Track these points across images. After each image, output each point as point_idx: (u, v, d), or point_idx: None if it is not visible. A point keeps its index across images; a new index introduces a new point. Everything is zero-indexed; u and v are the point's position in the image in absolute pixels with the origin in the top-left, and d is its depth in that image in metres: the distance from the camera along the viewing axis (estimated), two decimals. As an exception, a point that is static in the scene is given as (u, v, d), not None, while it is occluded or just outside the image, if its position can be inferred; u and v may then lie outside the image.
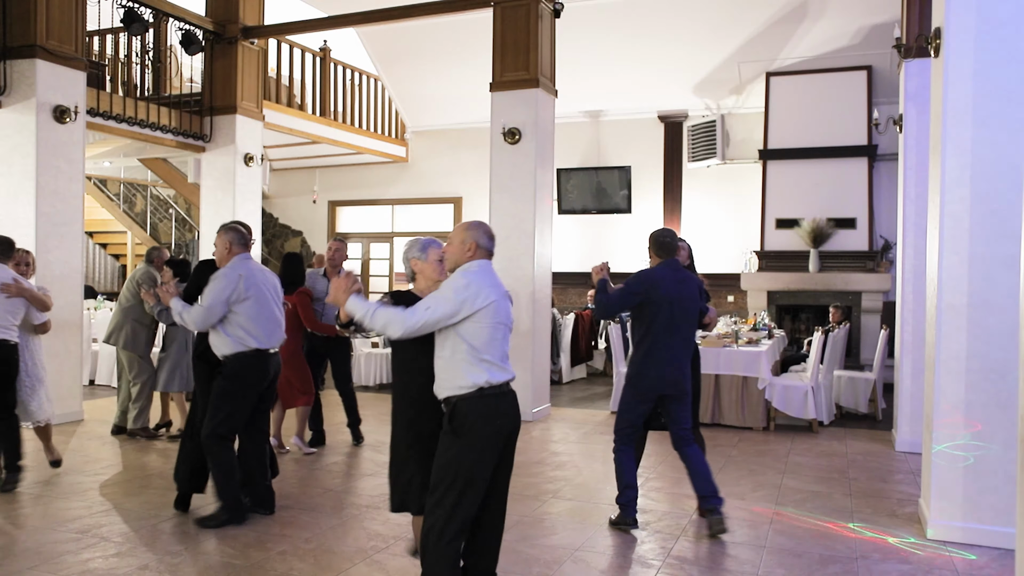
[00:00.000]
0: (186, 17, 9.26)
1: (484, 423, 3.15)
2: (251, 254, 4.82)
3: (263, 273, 4.78)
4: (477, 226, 3.36)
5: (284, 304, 5.02)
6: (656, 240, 4.73)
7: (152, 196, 15.45)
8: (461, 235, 3.33)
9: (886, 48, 10.03)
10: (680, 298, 4.59)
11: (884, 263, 10.63)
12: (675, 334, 4.58)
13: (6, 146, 7.36)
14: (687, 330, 4.67)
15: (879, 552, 4.32)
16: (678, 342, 4.60)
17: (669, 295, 4.54)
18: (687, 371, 4.66)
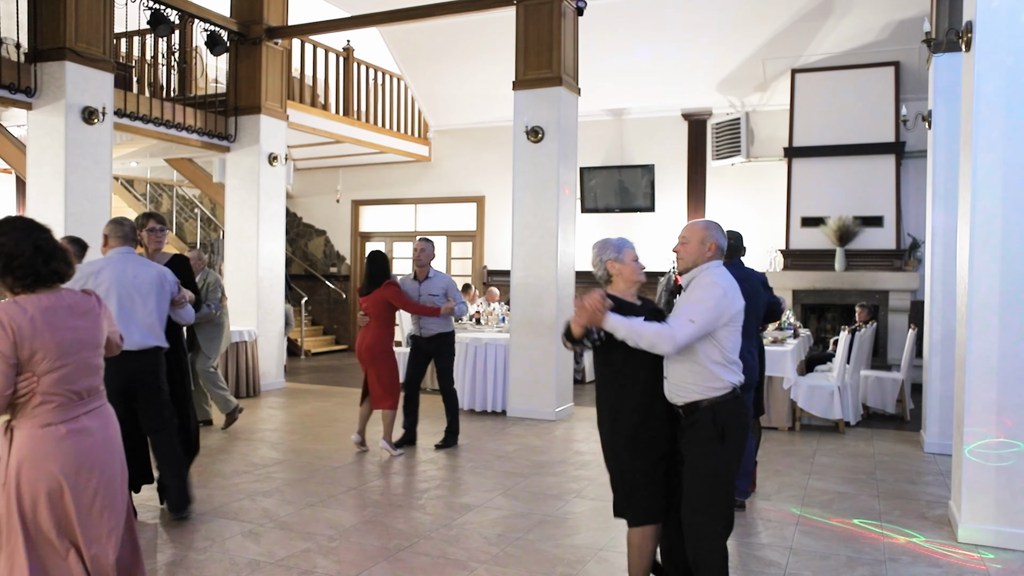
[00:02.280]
0: (211, 18, 9.33)
1: (742, 423, 3.18)
2: (133, 249, 4.58)
3: (136, 268, 4.45)
4: (716, 226, 3.32)
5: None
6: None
7: (178, 196, 15.61)
8: (701, 234, 3.27)
9: (914, 43, 9.88)
10: (745, 297, 4.63)
11: (912, 262, 10.48)
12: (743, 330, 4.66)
13: (36, 147, 7.47)
14: (753, 327, 4.81)
15: (908, 555, 4.25)
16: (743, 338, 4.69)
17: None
18: (752, 364, 4.78)
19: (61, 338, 2.50)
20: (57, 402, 2.50)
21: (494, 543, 4.35)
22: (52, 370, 2.47)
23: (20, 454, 2.46)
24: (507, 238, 10.73)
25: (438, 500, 5.17)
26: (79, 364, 2.55)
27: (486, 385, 8.34)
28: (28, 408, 2.48)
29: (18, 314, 2.45)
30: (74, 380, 2.54)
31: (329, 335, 14.71)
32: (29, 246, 2.50)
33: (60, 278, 2.59)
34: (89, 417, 2.58)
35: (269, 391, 9.51)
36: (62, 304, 2.56)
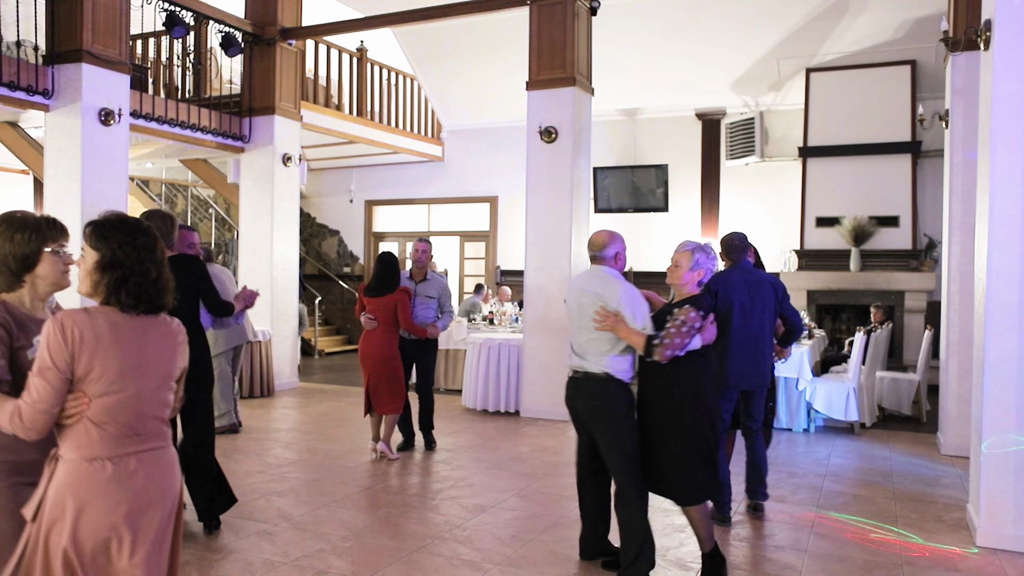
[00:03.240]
0: (226, 19, 9.38)
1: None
2: None
3: None
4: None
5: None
6: (725, 243, 5.02)
7: (192, 196, 15.70)
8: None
9: (931, 42, 9.80)
10: (751, 298, 4.80)
11: (928, 262, 10.40)
12: (748, 332, 4.78)
13: (53, 149, 7.53)
14: (763, 328, 4.81)
15: (925, 559, 4.22)
16: (750, 340, 4.78)
17: (740, 296, 4.77)
18: (763, 367, 4.84)
19: (125, 360, 2.15)
20: (107, 432, 2.14)
21: (508, 544, 4.35)
22: (106, 394, 2.12)
23: (59, 491, 2.12)
24: (520, 238, 10.73)
25: (451, 501, 5.17)
26: (140, 393, 2.18)
27: (499, 385, 8.33)
28: (74, 434, 2.13)
29: (84, 323, 2.11)
30: (131, 411, 2.17)
31: (342, 335, 14.76)
32: (154, 269, 2.21)
33: (159, 310, 2.26)
34: (142, 459, 2.19)
35: (283, 391, 9.55)
36: (137, 324, 2.20)
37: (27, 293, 2.37)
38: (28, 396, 2.08)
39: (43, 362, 2.08)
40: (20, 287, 2.36)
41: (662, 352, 3.59)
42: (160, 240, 2.29)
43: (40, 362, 2.09)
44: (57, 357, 2.07)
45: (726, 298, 4.76)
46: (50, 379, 2.07)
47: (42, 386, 2.07)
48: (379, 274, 6.17)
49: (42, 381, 2.07)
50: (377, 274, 6.18)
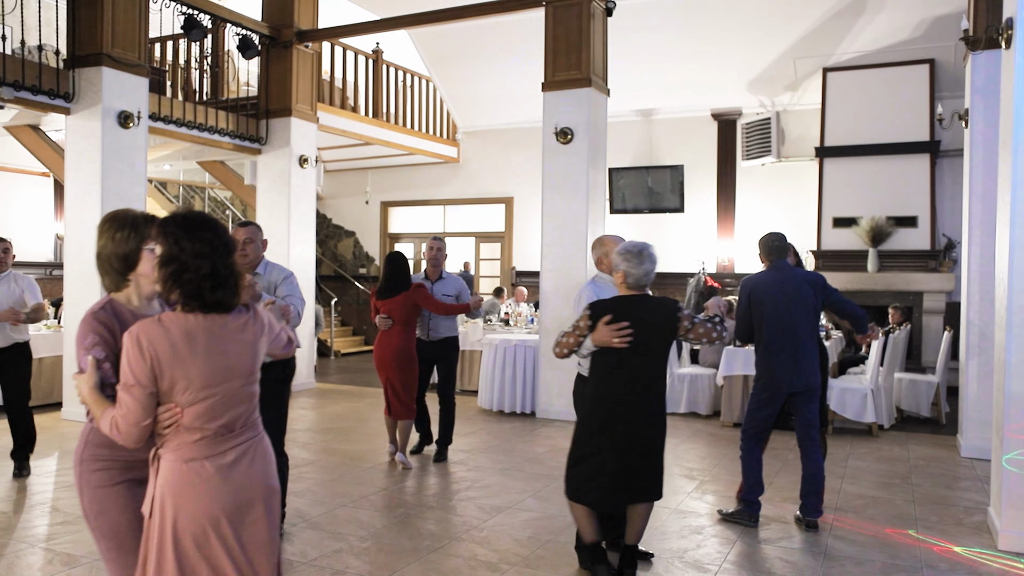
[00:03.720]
0: (243, 22, 9.45)
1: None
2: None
3: None
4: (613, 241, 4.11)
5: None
6: (762, 244, 4.90)
7: (210, 198, 15.82)
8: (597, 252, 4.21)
9: (950, 40, 9.72)
10: (785, 298, 4.67)
11: (947, 262, 10.31)
12: (786, 333, 4.65)
13: (74, 151, 7.61)
14: (800, 328, 4.66)
15: (945, 562, 4.18)
16: (789, 340, 4.65)
17: (772, 296, 4.67)
18: (808, 368, 4.67)
19: (207, 367, 2.14)
20: (201, 436, 2.16)
21: (524, 545, 4.35)
22: (195, 402, 2.13)
23: (164, 489, 2.16)
24: (536, 239, 10.73)
25: (468, 502, 5.18)
26: (227, 395, 2.18)
27: (515, 386, 8.34)
28: (171, 439, 2.16)
29: (158, 337, 2.09)
30: (221, 412, 2.18)
31: (359, 336, 14.82)
32: (207, 265, 2.14)
33: (224, 308, 2.21)
34: (238, 452, 2.22)
35: (300, 391, 9.59)
36: (212, 326, 2.17)
37: (133, 292, 2.38)
38: (119, 410, 2.10)
39: (126, 378, 2.09)
40: (126, 286, 2.37)
41: (555, 349, 3.78)
42: (226, 237, 2.22)
43: (124, 378, 2.10)
44: (139, 374, 2.08)
45: (759, 300, 4.68)
46: (136, 395, 2.08)
47: (130, 402, 2.09)
48: (389, 274, 6.02)
49: (129, 397, 2.09)
50: (387, 275, 6.02)
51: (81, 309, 7.47)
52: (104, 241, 2.35)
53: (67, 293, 7.73)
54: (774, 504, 5.19)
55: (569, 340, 3.72)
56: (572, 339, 3.72)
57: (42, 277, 12.80)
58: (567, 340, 3.73)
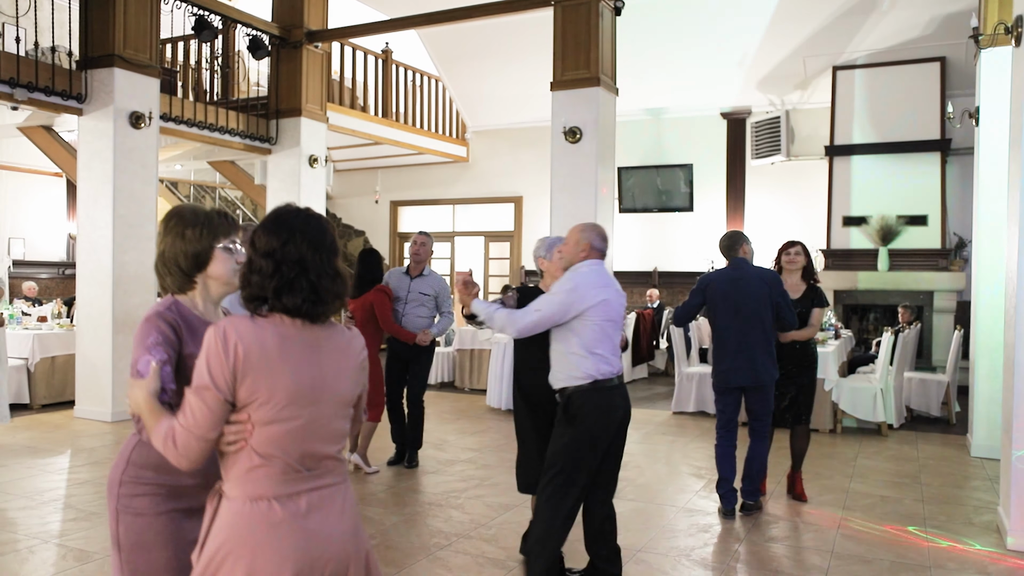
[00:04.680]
0: (253, 23, 9.50)
1: (598, 413, 3.38)
2: None
3: None
4: (591, 228, 3.59)
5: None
6: (720, 243, 5.04)
7: (220, 198, 15.90)
8: (576, 235, 3.56)
9: (961, 38, 9.67)
10: (739, 294, 4.78)
11: (958, 261, 10.27)
12: (738, 329, 4.76)
13: (87, 152, 7.68)
14: (753, 325, 4.75)
15: (954, 561, 4.18)
16: (742, 337, 4.75)
17: (727, 293, 4.79)
18: (760, 364, 4.75)
19: (296, 381, 1.77)
20: (274, 467, 1.76)
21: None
22: (274, 421, 1.75)
23: (221, 535, 1.77)
24: (544, 238, 10.73)
25: (476, 500, 5.21)
26: (312, 421, 1.79)
27: (523, 385, 8.33)
28: (236, 464, 1.77)
29: (249, 335, 1.75)
30: (303, 442, 1.78)
31: (368, 335, 14.84)
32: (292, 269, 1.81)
33: (323, 318, 1.86)
34: (317, 498, 1.80)
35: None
36: (310, 337, 1.82)
37: (199, 295, 2.12)
38: (183, 417, 1.75)
39: (201, 379, 1.74)
40: (192, 288, 2.11)
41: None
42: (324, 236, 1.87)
43: (198, 379, 1.75)
44: (217, 375, 1.73)
45: (713, 296, 4.84)
46: (208, 400, 1.73)
47: (199, 407, 1.73)
48: (357, 273, 5.79)
49: (199, 401, 1.73)
50: (356, 273, 5.79)
51: (93, 308, 7.60)
52: (171, 239, 2.11)
53: (79, 292, 7.80)
54: (782, 503, 5.19)
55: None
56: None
57: (55, 276, 12.91)
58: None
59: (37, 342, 8.00)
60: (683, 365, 8.45)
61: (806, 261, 5.34)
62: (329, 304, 1.85)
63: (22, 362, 7.89)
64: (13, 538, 4.32)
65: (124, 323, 7.57)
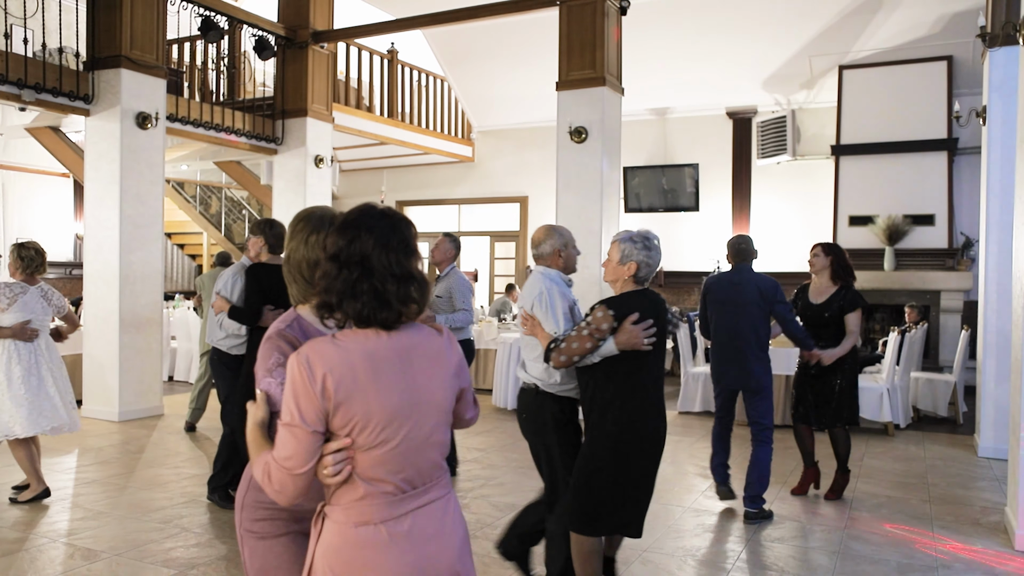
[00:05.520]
0: (259, 24, 9.52)
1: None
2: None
3: None
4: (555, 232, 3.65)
5: None
6: (729, 246, 5.06)
7: (226, 198, 15.94)
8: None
9: (968, 37, 9.64)
10: (736, 300, 4.85)
11: (965, 261, 10.23)
12: (732, 333, 4.83)
13: (94, 152, 7.70)
14: (747, 330, 4.81)
15: (961, 562, 4.17)
16: (735, 340, 4.82)
17: (725, 297, 4.88)
18: (754, 368, 4.81)
19: (391, 399, 1.66)
20: (380, 491, 1.67)
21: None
22: (374, 445, 1.65)
23: (326, 559, 1.70)
24: (550, 238, 10.72)
25: (482, 499, 5.21)
26: (412, 439, 1.69)
27: (529, 385, 8.33)
28: (343, 494, 1.69)
29: (336, 362, 1.62)
30: (407, 462, 1.69)
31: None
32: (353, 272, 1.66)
33: (404, 316, 1.71)
34: (423, 515, 1.72)
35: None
36: (398, 346, 1.69)
37: None
38: (277, 451, 1.64)
39: (290, 415, 1.62)
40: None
41: (556, 358, 3.16)
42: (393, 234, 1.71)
43: (286, 414, 1.63)
44: (307, 410, 1.61)
45: (713, 300, 4.93)
46: (299, 436, 1.62)
47: (291, 443, 1.62)
48: None
49: (291, 437, 1.63)
50: None
51: (100, 308, 7.62)
52: (295, 244, 2.01)
53: (86, 292, 7.83)
54: (788, 503, 5.18)
55: (583, 346, 3.12)
56: (588, 344, 3.11)
57: (62, 277, 12.96)
58: (578, 347, 3.12)
59: (45, 342, 8.02)
60: (688, 365, 8.45)
61: (830, 262, 5.28)
62: (396, 308, 1.67)
63: (30, 362, 7.92)
64: (22, 537, 4.34)
65: (131, 323, 7.60)
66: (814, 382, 5.18)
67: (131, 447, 6.54)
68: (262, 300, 4.40)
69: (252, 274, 4.48)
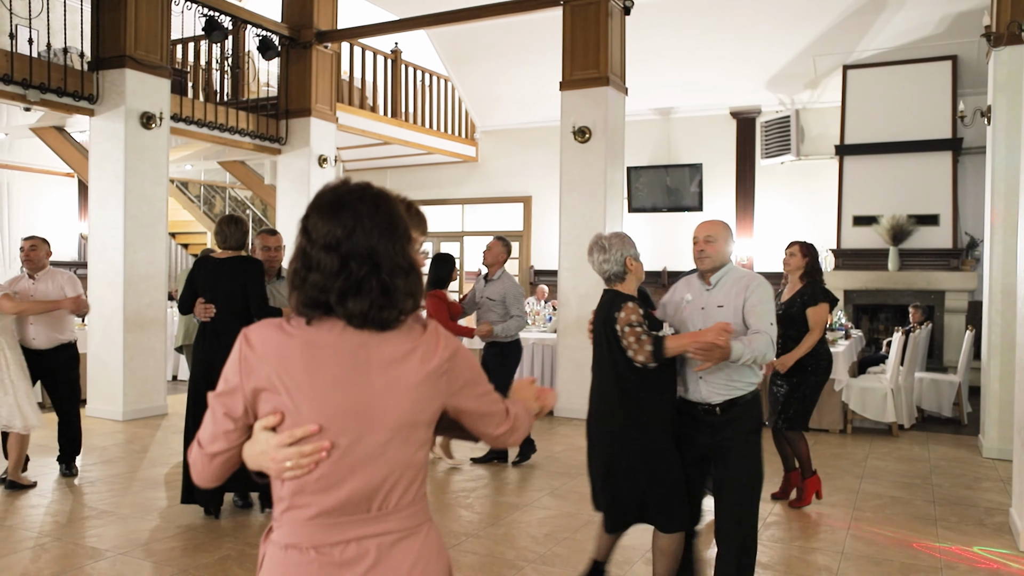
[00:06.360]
0: (263, 24, 9.53)
1: (760, 422, 3.29)
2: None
3: None
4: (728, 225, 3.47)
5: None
6: None
7: (230, 198, 15.95)
8: (727, 233, 3.35)
9: (973, 36, 9.62)
10: None
11: (969, 261, 10.21)
12: None
13: (98, 152, 7.72)
14: None
15: (966, 563, 4.16)
16: None
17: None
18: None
19: (328, 401, 1.42)
20: (307, 510, 1.43)
21: (541, 542, 4.37)
22: None
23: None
24: (554, 238, 10.74)
25: (486, 499, 5.21)
26: (358, 453, 1.43)
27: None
28: (277, 504, 1.48)
29: (272, 341, 1.45)
30: (343, 478, 1.42)
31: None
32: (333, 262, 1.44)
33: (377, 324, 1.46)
34: (368, 548, 1.43)
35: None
36: (350, 343, 1.45)
37: None
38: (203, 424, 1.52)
39: (218, 386, 1.49)
40: None
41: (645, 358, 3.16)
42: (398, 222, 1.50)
43: (218, 385, 1.49)
44: (230, 385, 1.46)
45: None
46: (215, 409, 1.48)
47: (208, 416, 1.49)
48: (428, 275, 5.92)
49: (210, 409, 1.49)
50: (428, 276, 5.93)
51: (105, 308, 7.64)
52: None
53: (91, 292, 7.84)
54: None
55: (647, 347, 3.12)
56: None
57: (66, 276, 12.97)
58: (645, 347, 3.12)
59: (49, 341, 8.04)
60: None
61: (802, 261, 5.17)
62: (400, 307, 1.47)
63: (34, 361, 7.94)
64: (26, 536, 4.36)
65: (135, 323, 7.62)
66: (776, 379, 5.07)
67: (135, 446, 6.55)
68: (193, 293, 4.76)
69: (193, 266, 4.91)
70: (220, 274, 4.70)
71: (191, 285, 4.77)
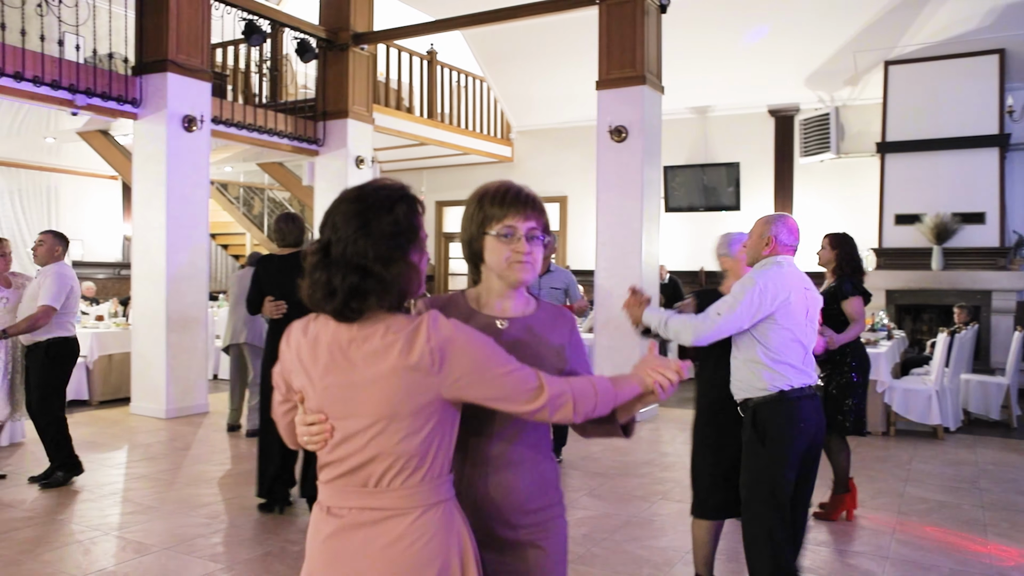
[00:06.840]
0: (300, 27, 9.64)
1: (787, 426, 3.06)
2: None
3: None
4: (779, 219, 3.29)
5: None
6: None
7: (269, 199, 16.16)
8: (760, 228, 3.28)
9: (1022, 29, 9.37)
10: None
11: (1017, 260, 9.95)
12: None
13: (141, 155, 7.87)
14: None
15: (1018, 571, 4.05)
16: None
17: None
18: None
19: (324, 387, 1.58)
20: (325, 477, 1.62)
21: (580, 543, 4.35)
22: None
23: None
24: (590, 238, 10.70)
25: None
26: (351, 434, 1.56)
27: (569, 385, 8.31)
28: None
29: (296, 333, 1.66)
30: (338, 458, 1.58)
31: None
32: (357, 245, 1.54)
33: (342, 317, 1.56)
34: (364, 515, 1.56)
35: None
36: (339, 338, 1.58)
37: (484, 288, 1.82)
38: None
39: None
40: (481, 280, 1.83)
41: None
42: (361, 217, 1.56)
43: None
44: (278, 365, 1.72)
45: None
46: (279, 385, 1.74)
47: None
48: None
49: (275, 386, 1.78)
50: None
51: (148, 307, 7.78)
52: (463, 222, 1.84)
53: (134, 292, 8.00)
54: (835, 507, 5.08)
55: None
56: None
57: (111, 277, 13.27)
58: None
59: (95, 340, 8.23)
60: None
61: (831, 254, 5.03)
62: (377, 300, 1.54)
63: (81, 360, 8.10)
64: (76, 530, 4.45)
65: (177, 322, 7.75)
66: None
67: (178, 444, 6.67)
68: (259, 292, 4.74)
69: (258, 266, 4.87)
70: (285, 271, 4.66)
71: (256, 284, 4.76)
